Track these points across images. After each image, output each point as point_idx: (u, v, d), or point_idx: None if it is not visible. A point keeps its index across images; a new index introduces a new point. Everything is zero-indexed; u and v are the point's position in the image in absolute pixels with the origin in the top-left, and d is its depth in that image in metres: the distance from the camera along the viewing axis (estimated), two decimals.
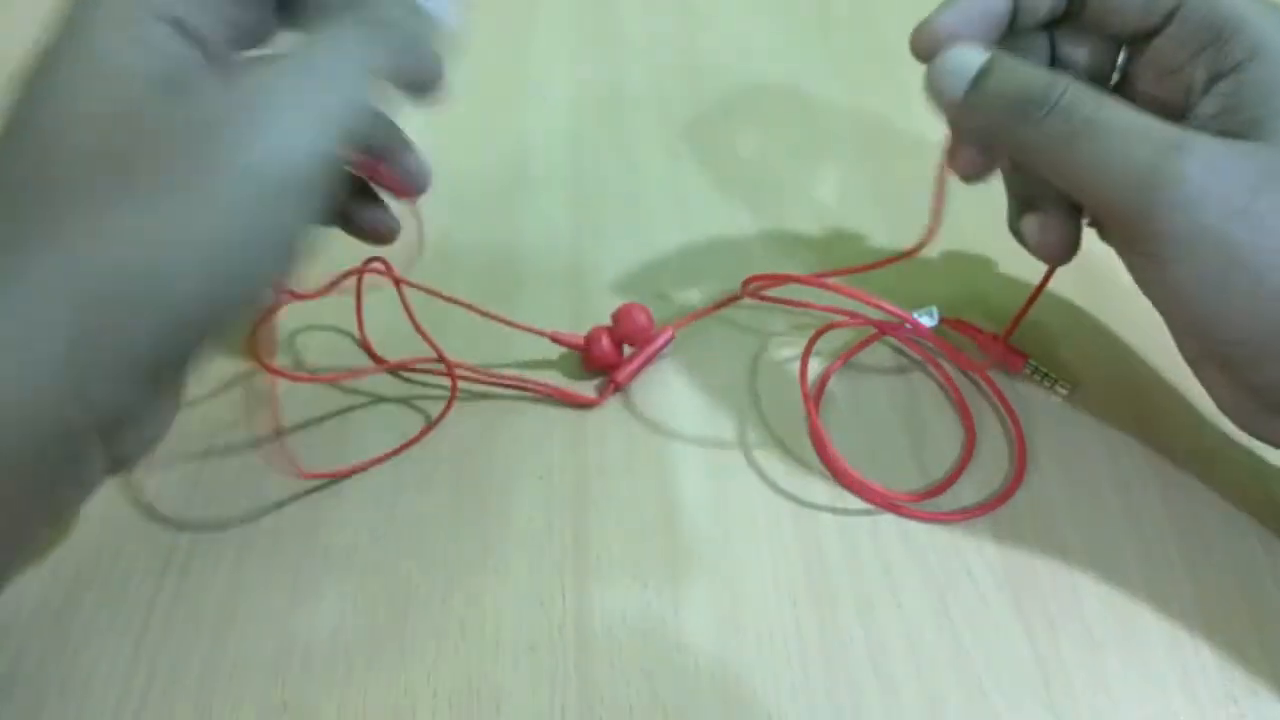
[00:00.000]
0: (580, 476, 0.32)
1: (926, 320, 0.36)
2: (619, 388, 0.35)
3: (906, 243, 0.35)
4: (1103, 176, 0.27)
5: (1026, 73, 0.28)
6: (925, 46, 0.29)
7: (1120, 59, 0.31)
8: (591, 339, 0.35)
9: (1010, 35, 0.30)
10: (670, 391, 0.35)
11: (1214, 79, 0.27)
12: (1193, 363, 0.30)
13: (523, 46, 0.50)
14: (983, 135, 0.30)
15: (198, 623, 0.29)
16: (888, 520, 0.31)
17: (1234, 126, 0.27)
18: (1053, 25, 0.30)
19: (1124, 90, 0.30)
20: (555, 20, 0.51)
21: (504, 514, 0.32)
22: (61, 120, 0.23)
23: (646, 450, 0.33)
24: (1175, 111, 0.28)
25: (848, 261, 0.38)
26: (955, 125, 0.30)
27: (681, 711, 0.27)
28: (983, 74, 0.28)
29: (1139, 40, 0.29)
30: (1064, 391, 0.35)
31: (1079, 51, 0.31)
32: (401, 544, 0.31)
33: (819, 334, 0.34)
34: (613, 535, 0.31)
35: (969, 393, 0.35)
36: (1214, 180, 0.25)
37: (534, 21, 0.51)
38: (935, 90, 0.29)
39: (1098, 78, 0.31)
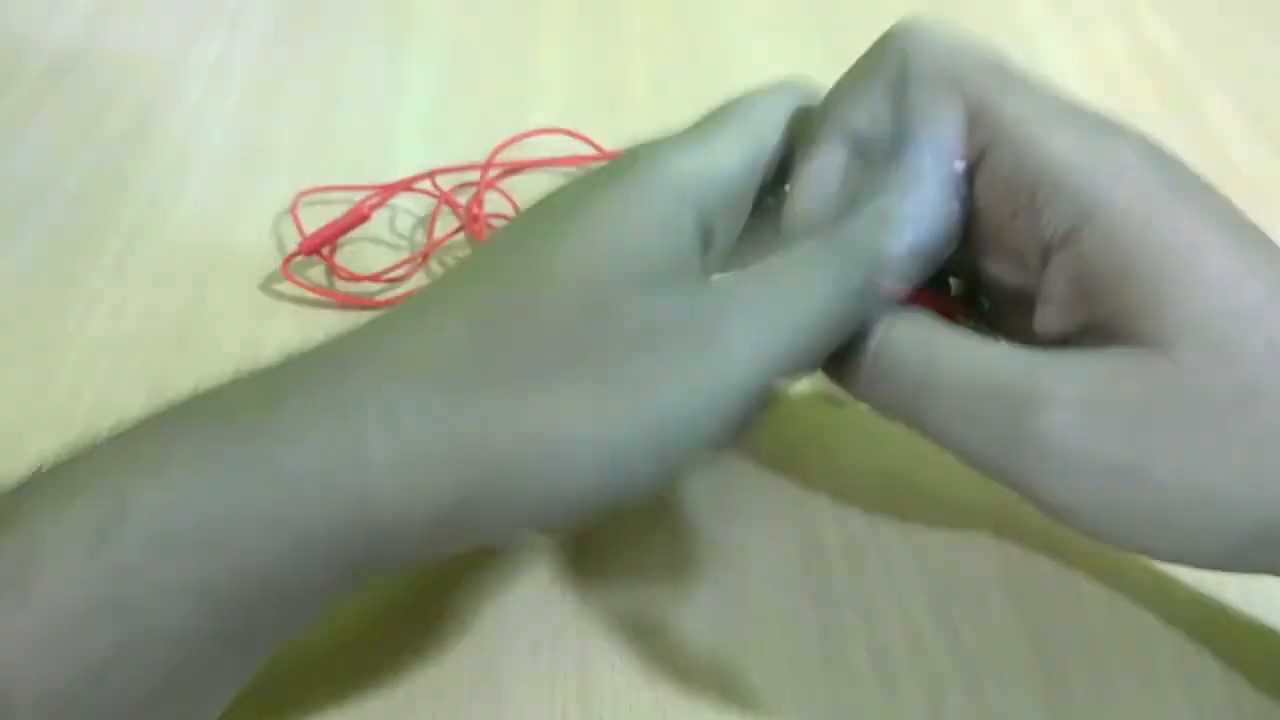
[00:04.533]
0: None
1: None
2: None
3: None
4: (952, 443, 0.22)
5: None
6: None
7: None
8: None
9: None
10: None
11: (1046, 251, 0.22)
12: None
13: (522, 46, 0.50)
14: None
15: None
16: (888, 519, 0.31)
17: (1093, 320, 0.21)
18: None
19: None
20: (555, 20, 0.51)
21: None
22: (556, 284, 0.22)
23: None
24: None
25: None
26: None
27: (681, 711, 0.27)
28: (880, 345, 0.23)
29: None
30: None
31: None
32: None
33: None
34: (613, 534, 0.31)
35: None
36: (1087, 440, 0.20)
37: (534, 20, 0.51)
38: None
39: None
